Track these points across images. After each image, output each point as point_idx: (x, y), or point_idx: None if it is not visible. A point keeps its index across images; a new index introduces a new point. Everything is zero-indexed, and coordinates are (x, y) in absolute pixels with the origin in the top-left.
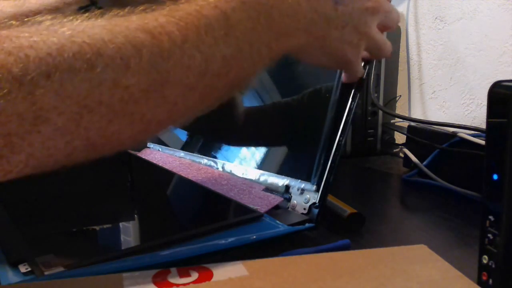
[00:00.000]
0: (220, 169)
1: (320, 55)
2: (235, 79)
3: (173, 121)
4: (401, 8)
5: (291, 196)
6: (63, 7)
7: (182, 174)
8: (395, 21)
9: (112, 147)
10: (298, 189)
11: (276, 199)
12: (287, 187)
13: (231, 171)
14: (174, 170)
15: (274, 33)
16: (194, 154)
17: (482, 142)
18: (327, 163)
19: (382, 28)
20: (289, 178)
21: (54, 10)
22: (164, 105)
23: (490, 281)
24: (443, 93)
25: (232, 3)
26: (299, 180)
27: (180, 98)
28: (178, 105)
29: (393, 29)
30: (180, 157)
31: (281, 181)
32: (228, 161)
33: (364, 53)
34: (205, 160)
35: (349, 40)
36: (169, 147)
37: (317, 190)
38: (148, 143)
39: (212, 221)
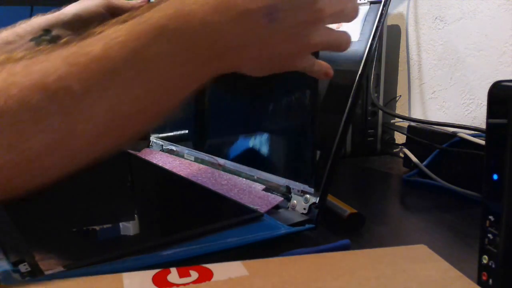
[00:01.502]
0: (221, 169)
1: (266, 68)
2: (156, 112)
3: (81, 164)
4: (401, 8)
5: (291, 196)
6: (15, 40)
7: (182, 174)
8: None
9: (13, 196)
10: (298, 190)
11: (276, 199)
12: (288, 187)
13: (231, 170)
14: (174, 170)
15: (201, 59)
16: (197, 151)
17: (482, 142)
18: (327, 163)
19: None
20: (289, 180)
21: (6, 44)
22: (69, 157)
23: (490, 281)
24: (443, 93)
25: (144, 39)
26: (299, 182)
27: (87, 146)
28: (86, 152)
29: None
30: (184, 153)
31: (281, 181)
32: (229, 160)
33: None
34: (206, 157)
35: (292, 52)
36: (173, 143)
37: (317, 190)
38: (148, 143)
39: (212, 221)
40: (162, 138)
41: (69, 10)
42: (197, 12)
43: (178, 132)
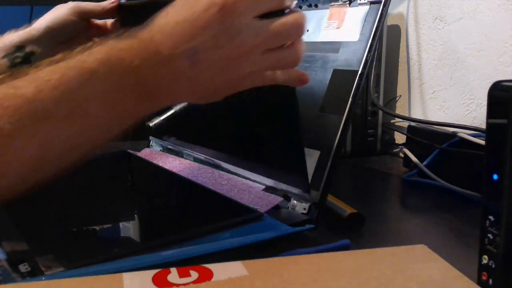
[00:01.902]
0: (220, 168)
1: (209, 97)
2: (91, 148)
3: (13, 195)
4: (401, 8)
5: (291, 196)
6: None
7: (182, 174)
8: (288, 59)
9: None
10: (294, 193)
11: (276, 199)
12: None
13: (229, 171)
14: (174, 170)
15: (131, 100)
16: (195, 152)
17: (482, 142)
18: (327, 164)
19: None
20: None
21: None
22: (5, 189)
23: (490, 281)
24: (443, 93)
25: (75, 83)
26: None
27: (21, 180)
28: (21, 184)
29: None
30: (184, 153)
31: (278, 185)
32: (229, 163)
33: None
34: (203, 158)
35: (228, 82)
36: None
37: (317, 190)
38: (149, 143)
39: (212, 221)
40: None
41: (40, 25)
42: (124, 58)
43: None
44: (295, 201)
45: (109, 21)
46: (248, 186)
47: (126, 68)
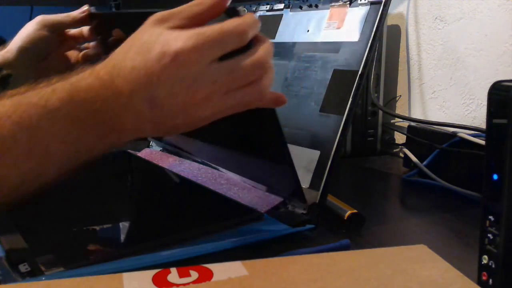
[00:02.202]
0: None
1: (178, 131)
2: (51, 180)
3: None
4: (401, 8)
5: (289, 203)
6: None
7: (182, 174)
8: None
9: None
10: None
11: (276, 199)
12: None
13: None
14: (174, 170)
15: (92, 138)
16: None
17: (482, 142)
18: (327, 164)
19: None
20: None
21: None
22: None
23: (490, 281)
24: (443, 93)
25: (36, 121)
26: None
27: None
28: None
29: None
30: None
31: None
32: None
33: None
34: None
35: (192, 124)
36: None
37: (317, 190)
38: (150, 143)
39: (212, 221)
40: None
41: (13, 46)
42: (86, 99)
43: None
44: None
45: (84, 29)
46: (248, 186)
47: (88, 109)
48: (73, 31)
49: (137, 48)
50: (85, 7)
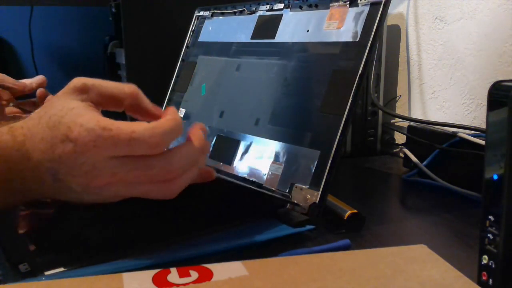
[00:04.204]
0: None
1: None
2: None
3: None
4: (401, 8)
5: (291, 197)
6: None
7: None
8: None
9: None
10: (300, 189)
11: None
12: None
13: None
14: None
15: (1, 189)
16: None
17: (482, 142)
18: (327, 164)
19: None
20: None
21: None
22: None
23: (490, 281)
24: (443, 93)
25: None
26: (299, 183)
27: None
28: None
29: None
30: None
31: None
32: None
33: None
34: None
35: (99, 200)
36: None
37: (317, 190)
38: None
39: (212, 221)
40: None
41: None
42: (0, 156)
43: None
44: (295, 201)
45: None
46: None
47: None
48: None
49: (48, 118)
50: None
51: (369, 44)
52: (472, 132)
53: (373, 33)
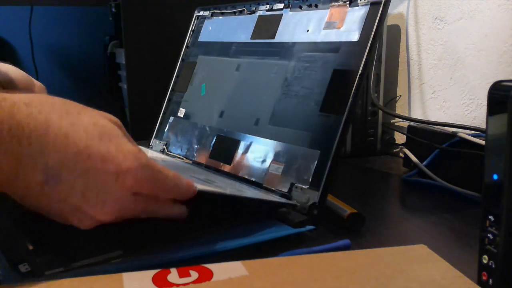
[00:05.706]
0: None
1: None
2: None
3: None
4: (401, 8)
5: (292, 196)
6: None
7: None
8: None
9: None
10: (300, 189)
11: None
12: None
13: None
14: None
15: None
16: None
17: (482, 142)
18: (327, 164)
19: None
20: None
21: None
22: None
23: (490, 281)
24: (443, 93)
25: None
26: (299, 183)
27: None
28: None
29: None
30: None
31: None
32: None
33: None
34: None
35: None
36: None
37: (317, 190)
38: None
39: (212, 221)
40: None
41: None
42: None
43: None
44: (295, 201)
45: None
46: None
47: None
48: None
49: (85, 127)
50: None
51: (369, 44)
52: (472, 132)
53: (373, 33)
